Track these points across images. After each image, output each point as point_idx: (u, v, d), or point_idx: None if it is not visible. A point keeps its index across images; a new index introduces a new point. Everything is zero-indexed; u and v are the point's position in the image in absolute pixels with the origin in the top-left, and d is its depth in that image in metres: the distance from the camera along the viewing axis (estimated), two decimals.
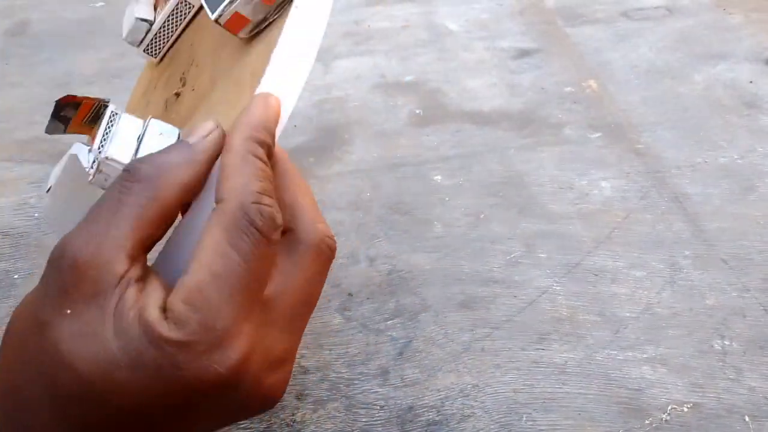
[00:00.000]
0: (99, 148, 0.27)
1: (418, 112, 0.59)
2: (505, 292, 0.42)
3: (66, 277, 0.21)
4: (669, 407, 0.35)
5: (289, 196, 0.24)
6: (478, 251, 0.45)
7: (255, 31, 0.29)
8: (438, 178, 0.51)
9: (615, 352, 0.38)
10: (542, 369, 0.38)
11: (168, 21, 0.37)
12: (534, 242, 0.46)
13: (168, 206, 0.22)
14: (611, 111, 0.58)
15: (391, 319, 0.41)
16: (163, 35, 0.37)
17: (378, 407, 0.36)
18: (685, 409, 0.35)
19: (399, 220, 0.48)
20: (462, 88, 0.62)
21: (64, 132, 0.30)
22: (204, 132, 0.23)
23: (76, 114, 0.30)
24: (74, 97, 0.28)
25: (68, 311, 0.20)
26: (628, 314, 0.41)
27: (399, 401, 0.36)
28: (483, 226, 0.47)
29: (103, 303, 0.20)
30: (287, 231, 0.23)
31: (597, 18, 0.73)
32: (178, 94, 0.35)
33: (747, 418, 0.35)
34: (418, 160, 0.53)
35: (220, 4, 0.28)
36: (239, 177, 0.22)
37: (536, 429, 0.35)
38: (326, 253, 0.23)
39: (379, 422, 0.35)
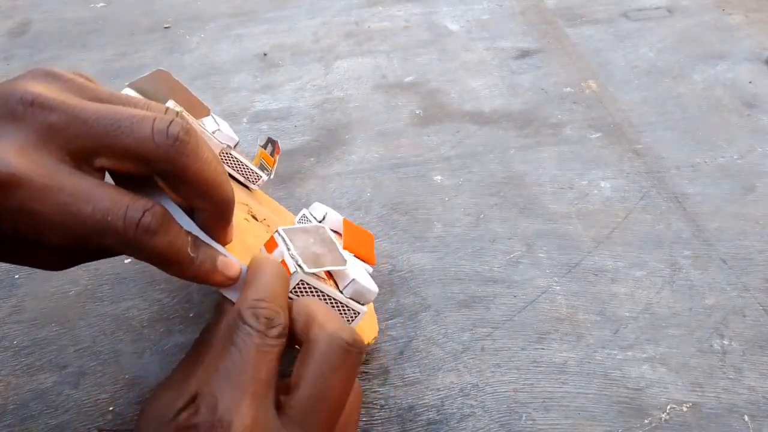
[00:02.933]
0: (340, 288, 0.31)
1: (418, 112, 0.59)
2: (505, 291, 0.42)
3: None
4: (668, 406, 0.36)
5: (304, 312, 0.27)
6: (478, 251, 0.45)
7: None
8: (438, 178, 0.52)
9: (615, 351, 0.38)
10: (542, 368, 0.38)
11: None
12: (534, 242, 0.46)
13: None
14: (611, 111, 0.58)
15: (391, 319, 0.41)
16: None
17: (378, 406, 0.36)
18: (685, 409, 0.35)
19: (399, 220, 0.48)
20: (462, 88, 0.62)
21: None
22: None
23: None
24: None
25: None
26: (627, 314, 0.41)
27: (399, 400, 0.36)
28: (483, 226, 0.47)
29: None
30: (304, 341, 0.26)
31: (597, 18, 0.73)
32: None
33: (746, 418, 0.35)
34: (419, 160, 0.54)
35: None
36: (246, 292, 0.26)
37: (536, 428, 0.35)
38: (336, 351, 0.25)
39: (379, 422, 0.35)
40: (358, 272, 0.32)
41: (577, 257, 0.44)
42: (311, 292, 0.29)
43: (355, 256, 0.36)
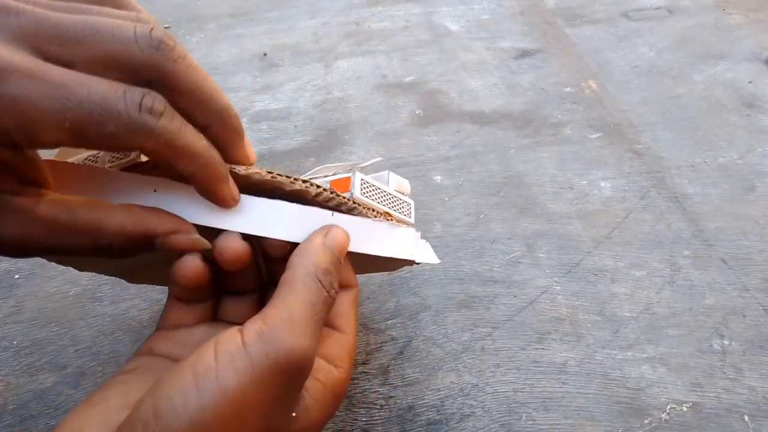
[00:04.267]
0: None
1: (418, 112, 0.59)
2: (505, 291, 0.42)
3: (297, 386, 0.24)
4: (668, 406, 0.36)
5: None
6: (478, 251, 0.45)
7: None
8: (438, 178, 0.52)
9: (615, 351, 0.38)
10: (542, 368, 0.38)
11: None
12: (534, 242, 0.46)
13: None
14: (611, 111, 0.58)
15: (391, 319, 0.41)
16: None
17: (378, 406, 0.36)
18: (685, 409, 0.35)
19: None
20: (462, 88, 0.62)
21: None
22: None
23: None
24: None
25: (293, 414, 0.24)
26: (627, 314, 0.41)
27: (399, 400, 0.36)
28: (483, 226, 0.47)
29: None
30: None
31: (597, 18, 0.73)
32: None
33: (746, 418, 0.35)
34: (419, 160, 0.53)
35: None
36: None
37: (536, 428, 0.35)
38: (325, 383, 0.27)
39: (379, 421, 0.35)
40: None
41: (577, 257, 0.44)
42: (371, 188, 0.32)
43: None
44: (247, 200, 0.27)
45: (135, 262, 0.29)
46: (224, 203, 0.26)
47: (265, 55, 0.69)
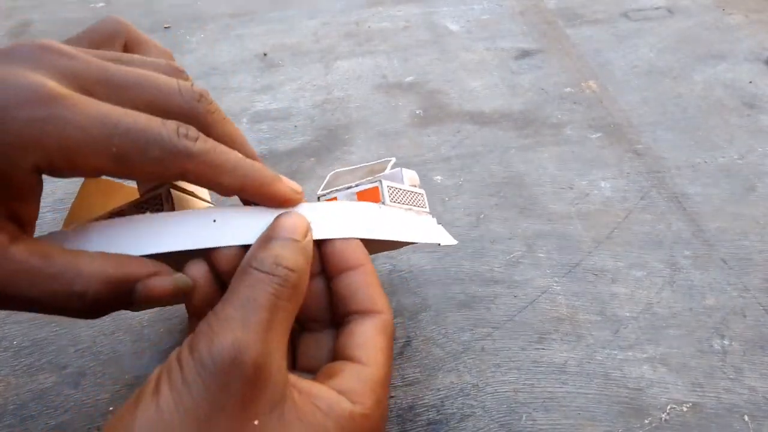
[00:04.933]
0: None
1: (418, 112, 0.59)
2: (505, 291, 0.42)
3: (248, 387, 0.21)
4: (669, 407, 0.36)
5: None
6: (478, 251, 0.45)
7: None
8: (438, 178, 0.52)
9: (615, 351, 0.38)
10: (542, 368, 0.38)
11: None
12: (534, 242, 0.46)
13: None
14: (611, 111, 0.58)
15: None
16: None
17: None
18: (685, 409, 0.35)
19: None
20: (462, 88, 0.62)
21: None
22: (304, 230, 0.27)
23: None
24: None
25: (256, 422, 0.21)
26: (628, 314, 0.41)
27: (399, 400, 0.36)
28: (483, 226, 0.47)
29: (282, 409, 0.22)
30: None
31: (597, 18, 0.73)
32: None
33: (746, 418, 0.35)
34: (419, 161, 0.53)
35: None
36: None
37: (536, 428, 0.35)
38: None
39: None
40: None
41: (577, 257, 0.44)
42: (396, 191, 0.34)
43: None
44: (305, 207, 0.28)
45: None
46: (287, 200, 0.27)
47: (265, 55, 0.69)
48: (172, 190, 0.30)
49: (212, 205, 0.33)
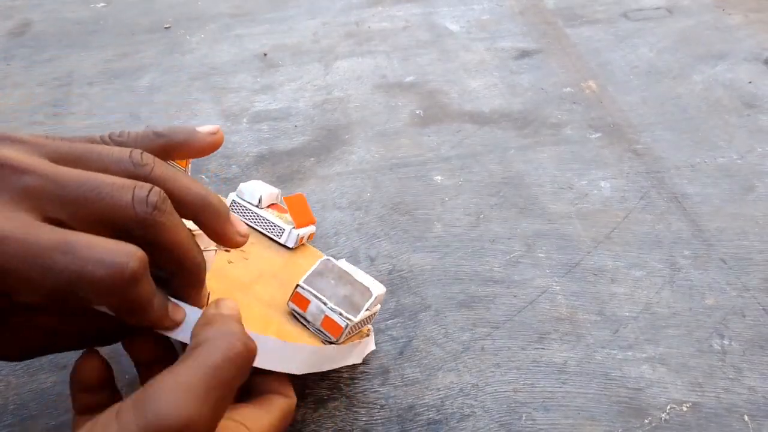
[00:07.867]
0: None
1: (418, 112, 0.59)
2: (505, 291, 0.42)
3: None
4: (668, 406, 0.36)
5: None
6: (478, 251, 0.45)
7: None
8: (438, 178, 0.52)
9: (614, 351, 0.38)
10: (542, 368, 0.38)
11: None
12: (534, 242, 0.46)
13: None
14: (611, 111, 0.58)
15: (391, 319, 0.41)
16: None
17: (378, 406, 0.36)
18: (685, 409, 0.36)
19: (399, 220, 0.48)
20: (462, 88, 0.62)
21: None
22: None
23: None
24: None
25: None
26: (627, 314, 0.41)
27: (399, 400, 0.36)
28: (483, 226, 0.47)
29: None
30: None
31: (597, 18, 0.73)
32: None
33: (746, 418, 0.35)
34: (419, 161, 0.54)
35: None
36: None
37: (536, 428, 0.35)
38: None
39: (379, 421, 0.35)
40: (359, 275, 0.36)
41: (577, 257, 0.44)
42: (354, 328, 0.34)
43: (302, 226, 0.42)
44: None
45: None
46: (234, 244, 0.28)
47: (265, 55, 0.69)
48: None
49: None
